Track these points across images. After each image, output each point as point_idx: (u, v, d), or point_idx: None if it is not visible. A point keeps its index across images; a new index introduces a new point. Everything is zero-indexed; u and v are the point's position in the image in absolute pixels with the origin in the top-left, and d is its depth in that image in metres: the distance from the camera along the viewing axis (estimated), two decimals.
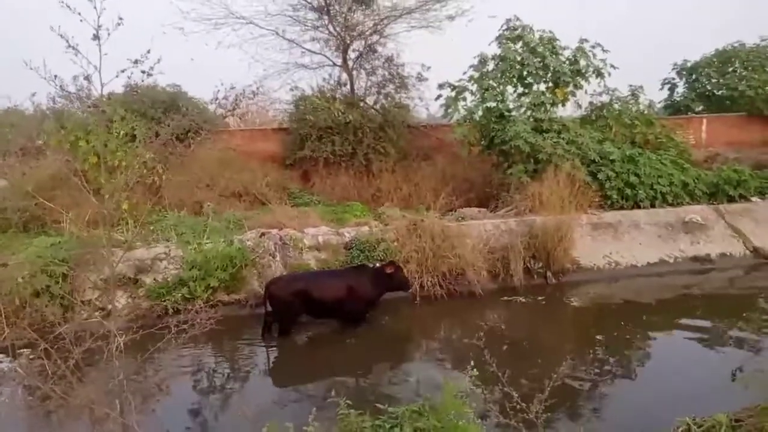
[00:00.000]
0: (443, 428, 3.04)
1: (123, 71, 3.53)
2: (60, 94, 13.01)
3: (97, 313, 7.18)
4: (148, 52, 3.60)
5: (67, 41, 3.22)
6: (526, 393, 3.48)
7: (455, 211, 10.79)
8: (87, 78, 3.32)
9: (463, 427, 3.04)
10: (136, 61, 3.58)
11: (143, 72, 3.71)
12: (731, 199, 11.34)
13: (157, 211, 10.47)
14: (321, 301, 7.19)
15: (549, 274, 9.32)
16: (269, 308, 7.20)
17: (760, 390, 3.77)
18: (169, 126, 5.02)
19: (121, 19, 3.19)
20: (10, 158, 11.00)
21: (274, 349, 7.00)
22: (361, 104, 14.13)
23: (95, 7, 3.10)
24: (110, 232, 3.28)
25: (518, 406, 3.05)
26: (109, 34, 3.24)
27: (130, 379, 3.20)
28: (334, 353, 6.77)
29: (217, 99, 14.92)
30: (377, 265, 7.84)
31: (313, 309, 7.29)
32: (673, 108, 18.75)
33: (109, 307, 7.52)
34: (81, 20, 3.07)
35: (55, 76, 3.66)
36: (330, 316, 7.45)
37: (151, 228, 9.38)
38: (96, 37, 3.21)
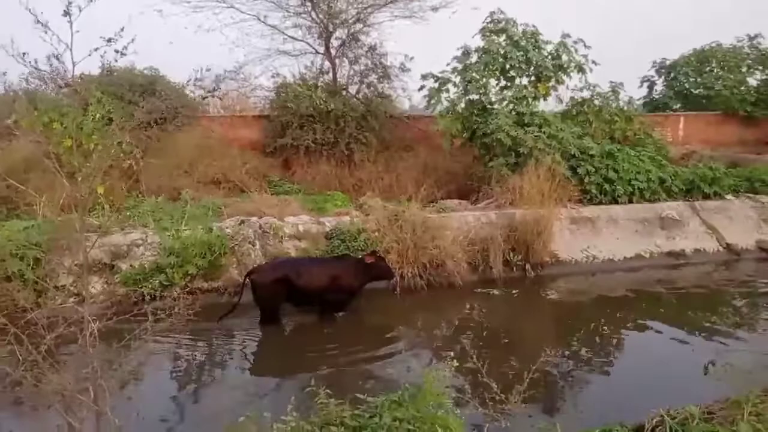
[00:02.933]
0: (422, 418, 3.04)
1: (96, 49, 3.40)
2: (33, 74, 12.68)
3: (71, 299, 7.03)
4: (122, 29, 3.49)
5: (36, 17, 3.10)
6: (504, 383, 3.50)
7: (436, 202, 10.81)
8: (57, 57, 3.21)
9: (442, 416, 3.05)
10: (109, 40, 3.46)
11: (117, 51, 3.59)
12: (706, 196, 11.56)
13: (134, 196, 10.29)
14: (303, 290, 7.10)
15: (528, 266, 9.41)
16: (247, 297, 7.10)
17: (730, 383, 3.85)
18: (143, 108, 4.88)
19: None
20: None
21: (253, 338, 6.94)
22: (344, 93, 14.03)
23: None
24: (83, 217, 3.18)
25: (497, 397, 3.07)
26: (80, 10, 3.12)
27: (104, 366, 3.13)
28: (314, 343, 6.74)
29: (191, 80, 14.47)
30: (360, 255, 7.81)
31: (295, 297, 7.21)
32: (652, 105, 19.08)
33: (84, 292, 7.38)
34: None
35: (24, 54, 3.52)
36: (311, 305, 7.39)
37: (128, 213, 9.20)
38: (66, 13, 3.09)
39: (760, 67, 17.82)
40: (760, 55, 17.88)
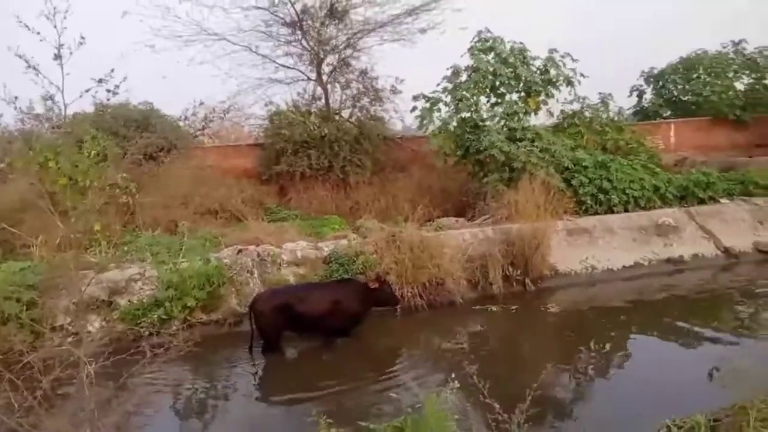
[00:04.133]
0: None
1: (87, 91, 3.46)
2: (28, 116, 12.81)
3: (69, 339, 6.98)
4: (112, 71, 3.55)
5: (27, 61, 3.16)
6: (507, 403, 3.47)
7: (433, 221, 10.82)
8: (51, 98, 3.26)
9: None
10: (100, 80, 3.52)
11: (108, 91, 3.65)
12: (701, 201, 11.60)
13: (130, 231, 10.28)
14: (305, 316, 6.98)
15: (527, 280, 9.37)
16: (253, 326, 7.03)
17: (736, 389, 3.83)
18: (137, 143, 4.92)
19: (83, 38, 3.14)
20: None
21: (254, 368, 6.87)
22: (337, 117, 14.18)
23: (55, 27, 3.04)
24: (77, 255, 3.18)
25: (500, 417, 3.04)
26: (71, 53, 3.17)
27: (102, 407, 3.10)
28: (315, 370, 6.67)
29: (185, 117, 14.71)
30: (364, 278, 7.68)
31: (297, 324, 7.08)
32: (642, 114, 19.26)
33: (80, 333, 7.33)
34: (41, 40, 3.01)
35: (16, 98, 3.57)
36: (313, 331, 7.26)
37: (125, 249, 9.19)
38: (57, 56, 3.15)
39: (747, 72, 18.03)
40: (746, 60, 18.12)
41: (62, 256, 7.45)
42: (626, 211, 11.14)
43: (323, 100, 14.60)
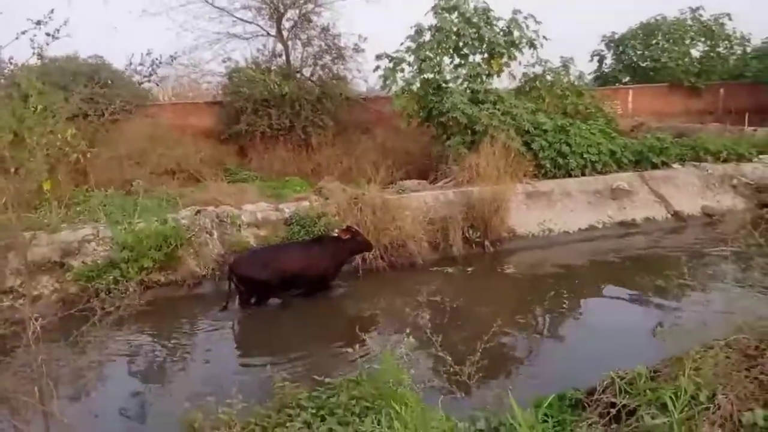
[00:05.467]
0: (380, 395, 3.09)
1: (23, 33, 3.23)
2: None
3: (20, 301, 6.77)
4: (52, 11, 3.31)
5: None
6: (461, 357, 3.57)
7: (395, 183, 10.83)
8: None
9: (399, 393, 3.10)
10: (38, 23, 3.29)
11: (48, 35, 3.41)
12: (655, 166, 11.95)
13: (83, 191, 9.92)
14: (285, 274, 7.22)
15: (487, 243, 9.55)
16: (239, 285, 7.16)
17: (676, 342, 4.04)
18: (80, 94, 4.68)
19: None
20: None
21: (211, 329, 6.85)
22: (298, 76, 13.86)
23: None
24: (20, 214, 3.06)
25: (451, 369, 3.14)
26: None
27: (53, 365, 3.04)
28: (274, 330, 6.71)
29: (131, 65, 13.70)
30: (335, 232, 7.95)
31: (278, 282, 7.27)
32: (602, 79, 19.53)
33: (33, 293, 7.13)
34: None
35: None
36: (296, 287, 7.50)
37: (78, 209, 8.89)
38: None
39: (702, 39, 18.41)
40: (702, 27, 18.47)
41: (8, 217, 7.14)
42: (583, 175, 11.40)
43: (284, 58, 14.20)
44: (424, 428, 2.67)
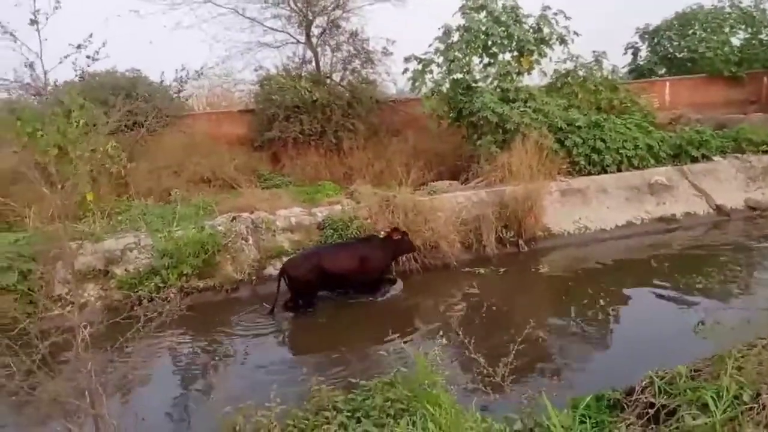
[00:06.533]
0: (415, 397, 3.11)
1: (66, 57, 3.41)
2: (13, 84, 12.55)
3: (68, 308, 7.07)
4: (91, 35, 3.49)
5: (3, 27, 3.11)
6: (495, 359, 3.56)
7: (427, 185, 10.83)
8: (31, 65, 3.21)
9: (433, 394, 3.12)
10: (78, 46, 3.47)
11: (88, 57, 3.59)
12: (694, 160, 11.60)
13: (124, 201, 10.28)
14: (337, 274, 7.38)
15: (521, 242, 9.47)
16: (286, 288, 7.34)
17: (717, 341, 3.94)
18: (120, 110, 4.88)
19: (58, 2, 3.08)
20: None
21: (250, 334, 6.99)
22: (328, 81, 13.97)
23: None
24: (66, 225, 3.21)
25: (485, 371, 3.14)
26: (47, 18, 3.12)
27: (100, 371, 3.18)
28: (309, 333, 6.82)
29: (163, 80, 14.10)
30: (383, 233, 8.11)
31: (329, 282, 7.49)
32: (637, 72, 19.01)
33: (81, 301, 7.43)
34: (16, 5, 2.96)
35: None
36: (345, 287, 7.69)
37: (119, 218, 9.22)
38: (33, 22, 3.10)
39: (743, 26, 17.73)
40: (742, 14, 17.78)
41: (55, 227, 7.47)
42: (619, 170, 11.16)
43: (313, 64, 14.34)
44: (457, 430, 2.69)
